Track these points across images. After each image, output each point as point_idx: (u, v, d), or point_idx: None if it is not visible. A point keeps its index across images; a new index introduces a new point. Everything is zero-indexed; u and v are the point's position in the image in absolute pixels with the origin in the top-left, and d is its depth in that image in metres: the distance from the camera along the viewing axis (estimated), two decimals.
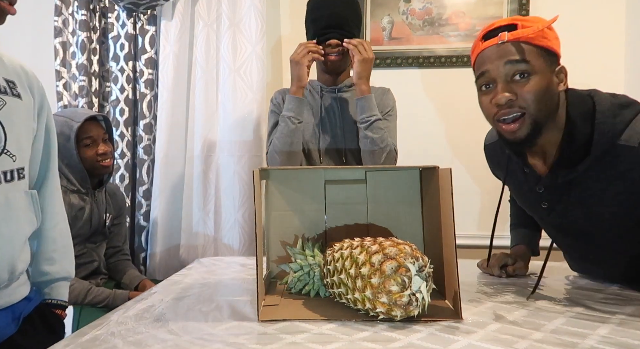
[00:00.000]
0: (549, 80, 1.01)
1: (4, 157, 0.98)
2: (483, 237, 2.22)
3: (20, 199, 1.02)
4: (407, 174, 1.19)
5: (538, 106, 1.00)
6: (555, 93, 1.02)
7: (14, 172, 1.00)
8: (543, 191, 1.13)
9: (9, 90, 1.02)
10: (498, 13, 2.24)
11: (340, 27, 1.60)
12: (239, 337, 0.80)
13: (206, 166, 2.25)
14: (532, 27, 0.99)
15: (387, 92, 1.76)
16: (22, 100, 1.05)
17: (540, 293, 1.10)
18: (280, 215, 1.19)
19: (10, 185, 0.99)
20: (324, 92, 1.73)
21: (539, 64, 1.00)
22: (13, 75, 1.06)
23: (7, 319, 1.02)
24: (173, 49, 2.22)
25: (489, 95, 1.06)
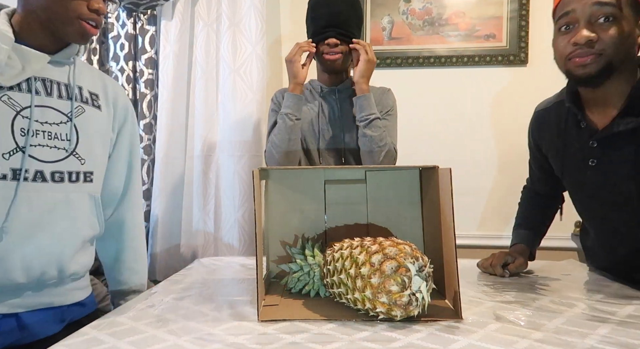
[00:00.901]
0: (632, 29, 1.01)
1: (72, 159, 1.07)
2: (483, 237, 2.23)
3: (82, 200, 1.09)
4: (407, 174, 1.19)
5: (616, 51, 1.01)
6: (634, 43, 1.03)
7: (80, 173, 1.09)
8: (596, 145, 1.12)
9: (91, 101, 1.13)
10: (498, 13, 2.24)
11: (339, 26, 1.59)
12: (239, 337, 0.80)
13: (206, 166, 2.25)
14: None
15: (387, 91, 1.75)
16: (101, 111, 1.15)
17: (540, 293, 1.10)
18: (280, 215, 1.19)
19: (74, 186, 1.07)
20: (324, 92, 1.72)
21: (626, 11, 1.00)
22: (99, 89, 1.17)
23: (48, 317, 1.05)
24: (173, 48, 2.22)
25: (567, 35, 1.06)
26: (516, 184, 2.25)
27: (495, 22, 2.24)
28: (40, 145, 1.02)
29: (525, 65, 2.25)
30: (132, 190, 1.28)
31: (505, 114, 2.27)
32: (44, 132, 1.03)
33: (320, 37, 1.61)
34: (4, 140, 0.98)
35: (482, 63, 2.26)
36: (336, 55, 1.61)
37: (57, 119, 1.06)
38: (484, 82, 2.28)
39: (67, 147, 1.06)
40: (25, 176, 0.99)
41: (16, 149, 0.99)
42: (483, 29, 2.26)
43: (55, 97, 1.06)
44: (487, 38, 2.25)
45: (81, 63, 1.16)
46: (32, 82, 1.03)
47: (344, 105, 1.69)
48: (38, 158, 1.01)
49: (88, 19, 1.05)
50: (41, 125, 1.03)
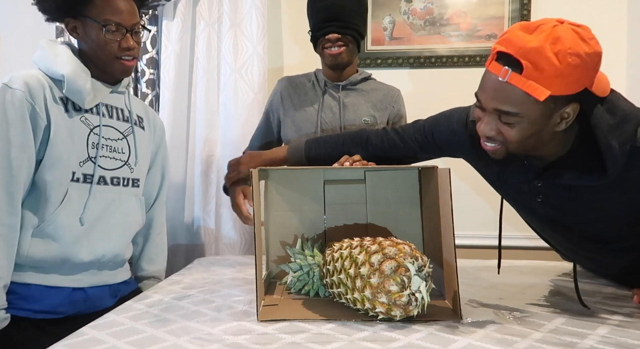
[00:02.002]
0: (540, 126, 0.96)
1: (125, 168, 1.35)
2: (483, 237, 2.23)
3: (130, 200, 1.36)
4: (406, 174, 1.19)
5: (517, 146, 0.99)
6: (545, 133, 0.97)
7: (129, 180, 1.36)
8: (542, 185, 1.09)
9: (138, 122, 1.43)
10: (499, 13, 2.24)
11: (341, 19, 1.52)
12: (238, 337, 0.80)
13: (207, 166, 2.25)
14: (543, 73, 0.89)
15: (399, 94, 1.72)
16: (145, 131, 1.45)
17: (539, 293, 1.10)
18: (279, 215, 1.19)
19: (125, 189, 1.35)
20: (327, 88, 1.67)
21: (531, 113, 0.94)
22: (142, 113, 1.47)
23: (106, 292, 1.32)
24: (174, 48, 2.22)
25: (479, 113, 1.04)
26: None
27: (497, 22, 2.24)
28: (104, 156, 1.29)
29: None
30: (162, 195, 1.57)
31: None
32: (107, 146, 1.30)
33: (321, 33, 1.55)
34: (80, 152, 1.24)
35: (484, 63, 2.25)
36: (339, 50, 1.55)
37: (116, 136, 1.34)
38: None
39: (122, 158, 1.34)
40: (92, 179, 1.27)
41: (87, 159, 1.26)
42: (484, 29, 2.25)
43: (115, 118, 1.34)
44: (489, 38, 2.25)
45: (131, 93, 1.43)
46: (100, 107, 1.30)
47: (346, 103, 1.64)
48: (102, 167, 1.28)
49: (123, 56, 1.28)
50: (105, 141, 1.30)
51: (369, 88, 1.68)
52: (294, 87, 1.71)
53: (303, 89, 1.70)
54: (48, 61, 1.24)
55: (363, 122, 1.62)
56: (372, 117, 1.63)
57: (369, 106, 1.65)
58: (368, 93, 1.67)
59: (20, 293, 1.18)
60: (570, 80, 0.89)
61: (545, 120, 0.95)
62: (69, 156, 1.22)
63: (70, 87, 1.21)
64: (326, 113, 1.63)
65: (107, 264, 1.32)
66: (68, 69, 1.21)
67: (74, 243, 1.22)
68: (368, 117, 1.63)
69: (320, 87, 1.67)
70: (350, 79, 1.66)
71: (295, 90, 1.71)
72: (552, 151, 1.04)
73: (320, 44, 1.58)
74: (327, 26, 1.53)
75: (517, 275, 1.32)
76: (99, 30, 1.24)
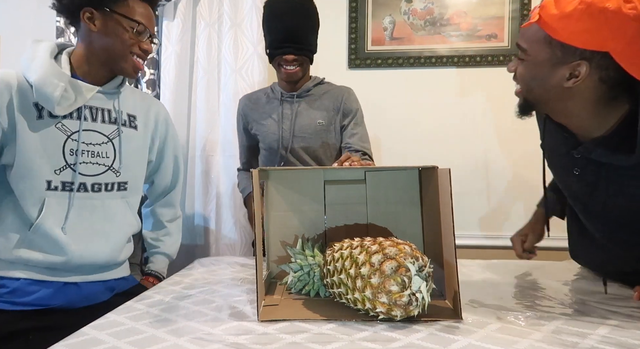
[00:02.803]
0: (545, 71, 0.98)
1: (109, 173, 1.31)
2: (483, 237, 2.23)
3: (117, 205, 1.34)
4: (406, 174, 1.19)
5: (525, 88, 1.05)
6: (551, 83, 0.99)
7: (115, 184, 1.33)
8: (580, 157, 1.09)
9: (128, 122, 1.37)
10: (500, 13, 2.24)
11: (296, 42, 1.63)
12: (239, 337, 0.80)
13: (207, 166, 2.25)
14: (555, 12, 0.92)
15: (348, 92, 1.80)
16: (137, 131, 1.39)
17: (540, 294, 1.10)
18: (280, 215, 1.19)
19: (109, 194, 1.32)
20: (283, 98, 1.78)
21: (536, 54, 0.98)
22: (138, 111, 1.41)
23: (100, 287, 1.32)
24: (175, 49, 2.22)
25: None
26: (516, 184, 2.26)
27: (497, 22, 2.24)
28: (84, 162, 1.26)
29: None
30: (178, 186, 1.60)
31: (506, 114, 2.26)
32: (88, 152, 1.27)
33: (277, 52, 1.66)
34: (56, 160, 1.22)
35: (484, 63, 2.26)
36: (294, 69, 1.68)
37: (100, 140, 1.30)
38: (486, 82, 2.27)
39: (106, 163, 1.30)
40: (71, 187, 1.24)
41: (65, 166, 1.23)
42: (484, 29, 2.25)
43: (99, 121, 1.30)
44: (489, 38, 2.25)
45: (125, 89, 1.38)
46: (82, 111, 1.26)
47: (301, 110, 1.76)
48: (82, 173, 1.26)
49: (139, 56, 1.30)
50: (86, 146, 1.27)
51: (321, 92, 1.80)
52: (253, 103, 1.84)
53: (260, 104, 1.83)
54: (25, 64, 1.22)
55: (318, 124, 1.74)
56: (325, 119, 1.76)
57: (322, 109, 1.76)
58: (320, 97, 1.78)
59: (10, 286, 1.19)
60: (578, 28, 0.89)
61: (550, 68, 0.97)
62: (41, 165, 1.20)
63: (39, 94, 1.18)
64: (285, 122, 1.76)
65: (99, 266, 1.32)
66: (37, 75, 1.18)
67: (59, 253, 1.23)
68: (322, 119, 1.75)
69: (277, 99, 1.80)
70: (303, 88, 1.78)
71: (254, 105, 1.83)
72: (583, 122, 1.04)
73: (277, 60, 1.69)
74: (284, 46, 1.64)
75: (518, 274, 1.32)
76: (127, 27, 1.25)
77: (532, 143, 2.23)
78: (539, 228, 1.35)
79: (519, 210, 2.25)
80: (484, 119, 2.28)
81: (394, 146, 2.21)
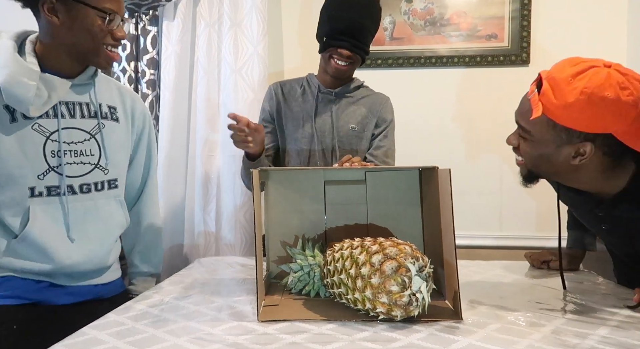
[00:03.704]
0: (550, 151, 1.02)
1: (97, 171, 1.22)
2: (483, 237, 2.23)
3: (109, 205, 1.26)
4: (406, 174, 1.19)
5: (532, 164, 1.09)
6: (558, 161, 1.03)
7: (105, 182, 1.25)
8: (603, 215, 1.13)
9: (110, 115, 1.27)
10: (500, 13, 2.23)
11: (357, 38, 1.52)
12: (239, 337, 0.80)
13: (208, 166, 2.25)
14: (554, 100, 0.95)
15: (386, 102, 1.71)
16: (119, 124, 1.29)
17: (540, 294, 1.10)
18: (280, 215, 1.19)
19: (100, 194, 1.24)
20: (320, 93, 1.66)
21: (540, 135, 1.02)
22: (116, 101, 1.30)
23: (92, 293, 1.25)
24: (175, 49, 2.22)
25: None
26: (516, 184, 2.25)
27: (497, 22, 2.24)
28: (68, 163, 1.17)
29: (527, 66, 2.24)
30: (150, 186, 1.44)
31: (507, 114, 2.26)
32: (71, 151, 1.17)
33: (334, 43, 1.53)
34: (37, 164, 1.13)
35: (484, 63, 2.26)
36: (346, 66, 1.57)
37: (82, 137, 1.20)
38: (486, 83, 2.27)
39: (92, 161, 1.21)
40: (57, 191, 1.15)
41: (48, 170, 1.14)
42: (485, 29, 2.25)
43: (78, 117, 1.20)
44: (489, 38, 2.25)
45: (99, 80, 1.26)
46: (58, 108, 1.15)
47: (338, 111, 1.66)
48: (68, 175, 1.17)
49: (113, 47, 1.17)
50: (68, 145, 1.17)
51: (360, 97, 1.70)
52: (287, 94, 1.71)
53: (294, 96, 1.70)
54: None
55: (350, 128, 1.65)
56: (359, 125, 1.66)
57: (358, 114, 1.67)
58: (358, 102, 1.68)
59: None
60: (581, 116, 0.93)
61: (555, 148, 1.01)
62: (21, 171, 1.11)
63: (9, 97, 1.08)
64: (317, 121, 1.65)
65: (90, 272, 1.25)
66: (4, 77, 1.07)
67: (49, 261, 1.15)
68: (356, 125, 1.65)
69: (313, 94, 1.67)
70: (344, 87, 1.67)
71: (287, 97, 1.71)
72: (595, 187, 1.08)
73: (329, 52, 1.57)
74: (343, 40, 1.52)
75: (518, 275, 1.32)
76: (94, 18, 1.11)
77: None
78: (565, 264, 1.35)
79: (519, 210, 2.25)
80: (484, 119, 2.28)
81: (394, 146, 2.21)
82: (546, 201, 2.23)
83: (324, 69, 1.65)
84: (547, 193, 2.28)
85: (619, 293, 1.11)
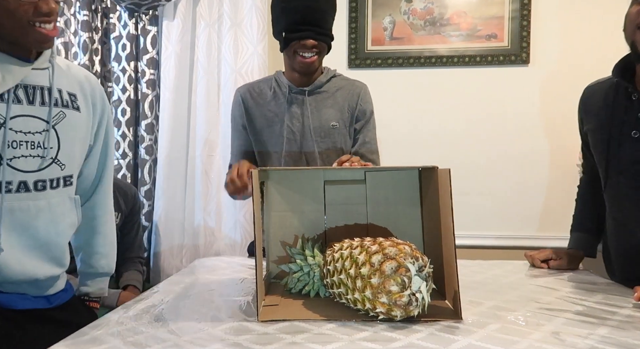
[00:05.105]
0: None
1: (54, 166, 1.08)
2: (483, 237, 2.23)
3: (63, 204, 1.12)
4: (406, 174, 1.19)
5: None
6: None
7: (60, 179, 1.10)
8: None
9: (70, 103, 1.12)
10: (500, 13, 2.24)
11: (318, 25, 1.42)
12: (239, 337, 0.80)
13: (208, 166, 2.25)
14: None
15: (363, 91, 1.60)
16: (80, 113, 1.15)
17: (540, 294, 1.10)
18: (279, 215, 1.19)
19: (55, 192, 1.09)
20: (292, 93, 1.55)
21: None
22: (76, 88, 1.15)
23: (43, 302, 1.13)
24: (175, 49, 2.22)
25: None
26: (516, 184, 2.26)
27: (497, 22, 2.24)
28: (23, 155, 1.03)
29: (526, 65, 2.24)
30: (105, 178, 1.29)
31: (507, 114, 2.26)
32: (27, 142, 1.03)
33: (296, 36, 1.42)
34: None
35: (484, 63, 2.26)
36: (313, 58, 1.45)
37: (40, 127, 1.06)
38: (486, 82, 2.27)
39: (50, 154, 1.07)
40: (9, 188, 1.01)
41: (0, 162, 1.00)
42: (484, 29, 2.25)
43: (37, 104, 1.06)
44: (489, 38, 2.25)
45: (59, 64, 1.13)
46: (12, 92, 1.01)
47: (312, 109, 1.55)
48: (22, 169, 1.03)
49: (40, 23, 0.99)
50: (24, 135, 1.03)
51: (335, 89, 1.58)
52: (256, 97, 1.59)
53: (265, 98, 1.58)
54: None
55: (331, 126, 1.55)
56: (340, 121, 1.56)
57: (336, 109, 1.56)
58: (334, 95, 1.57)
59: None
60: None
61: None
62: None
63: None
64: (293, 123, 1.55)
65: (41, 282, 1.11)
66: None
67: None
68: (336, 121, 1.55)
69: (284, 94, 1.56)
70: (316, 83, 1.56)
71: (257, 100, 1.59)
72: None
73: (292, 47, 1.46)
74: (303, 30, 1.42)
75: (518, 275, 1.32)
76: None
77: (532, 144, 2.24)
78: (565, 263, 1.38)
79: (518, 210, 2.25)
80: (484, 119, 2.28)
81: (394, 146, 2.20)
82: (546, 201, 2.24)
83: (291, 67, 1.53)
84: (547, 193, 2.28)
85: (618, 293, 1.11)
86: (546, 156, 2.23)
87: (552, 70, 2.23)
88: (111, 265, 1.32)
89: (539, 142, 2.24)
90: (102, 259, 1.29)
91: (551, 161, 2.23)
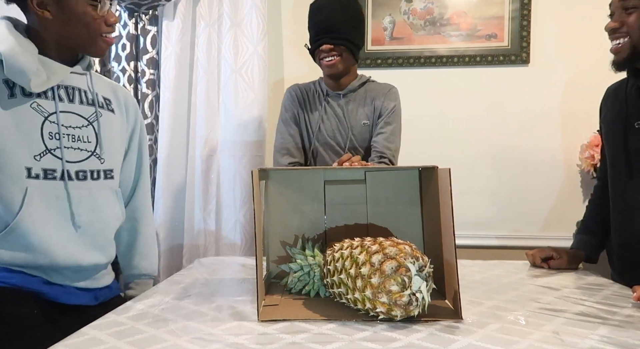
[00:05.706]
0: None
1: (93, 159, 1.19)
2: (483, 237, 2.23)
3: (104, 195, 1.21)
4: (406, 174, 1.19)
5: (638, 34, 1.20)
6: None
7: (101, 171, 1.20)
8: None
9: (106, 105, 1.25)
10: (500, 13, 2.24)
11: (331, 31, 1.61)
12: (239, 337, 0.80)
13: (208, 166, 2.25)
14: None
15: (389, 90, 1.75)
16: (114, 115, 1.27)
17: (540, 293, 1.10)
18: (280, 215, 1.19)
19: (96, 183, 1.19)
20: (328, 97, 1.75)
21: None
22: (110, 94, 1.29)
23: (89, 297, 1.20)
24: (174, 49, 2.22)
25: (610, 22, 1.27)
26: (516, 184, 2.26)
27: (497, 22, 2.24)
28: (65, 147, 1.13)
29: (527, 65, 2.24)
30: (143, 180, 1.39)
31: (507, 114, 2.26)
32: (69, 135, 1.14)
33: (315, 45, 1.64)
34: (35, 144, 1.09)
35: (484, 63, 2.26)
36: (333, 60, 1.63)
37: (80, 123, 1.17)
38: (486, 82, 2.27)
39: (89, 148, 1.18)
40: (53, 175, 1.11)
41: (45, 151, 1.10)
42: (484, 29, 2.25)
43: (77, 103, 1.17)
44: (489, 38, 2.25)
45: (92, 73, 1.26)
46: (56, 91, 1.13)
47: (346, 112, 1.72)
48: (65, 159, 1.13)
49: (107, 33, 1.16)
50: (65, 129, 1.14)
51: (367, 92, 1.75)
52: (305, 93, 1.79)
53: (310, 94, 1.78)
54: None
55: (362, 124, 1.71)
56: (369, 119, 1.72)
57: (366, 109, 1.72)
58: (365, 97, 1.73)
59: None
60: None
61: None
62: (17, 149, 1.06)
63: (11, 66, 1.04)
64: (330, 122, 1.72)
65: (86, 271, 1.18)
66: (6, 46, 1.05)
67: (43, 252, 1.08)
68: (366, 119, 1.71)
69: (322, 98, 1.75)
70: (349, 87, 1.73)
71: (306, 95, 1.79)
72: None
73: (317, 56, 1.66)
74: (320, 38, 1.62)
75: (518, 275, 1.32)
76: (85, 6, 1.10)
77: (532, 144, 2.24)
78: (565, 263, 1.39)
79: (519, 210, 2.25)
80: (484, 119, 2.28)
81: None
82: (546, 201, 2.23)
83: (323, 73, 1.74)
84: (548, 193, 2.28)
85: (618, 293, 1.11)
86: (546, 156, 2.23)
87: (552, 70, 2.23)
88: (154, 266, 1.40)
89: (539, 142, 2.24)
90: (143, 260, 1.37)
91: (551, 161, 2.23)
